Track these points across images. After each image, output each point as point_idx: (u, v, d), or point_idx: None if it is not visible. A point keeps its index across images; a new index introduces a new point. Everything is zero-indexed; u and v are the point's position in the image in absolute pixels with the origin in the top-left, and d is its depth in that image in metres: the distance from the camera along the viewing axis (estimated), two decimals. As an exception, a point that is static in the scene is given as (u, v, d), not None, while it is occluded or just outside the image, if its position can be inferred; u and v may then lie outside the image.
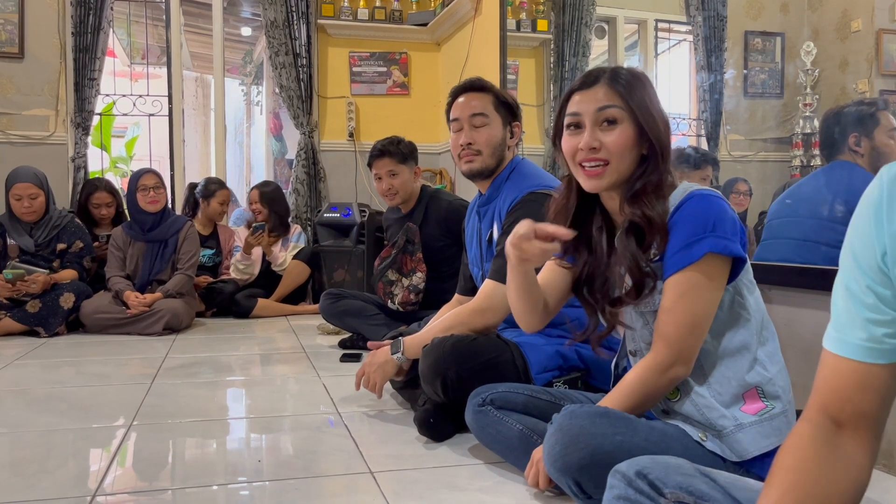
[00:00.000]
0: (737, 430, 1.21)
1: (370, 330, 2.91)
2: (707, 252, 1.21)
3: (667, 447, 1.19)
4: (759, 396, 1.24)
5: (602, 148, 1.30)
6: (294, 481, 1.52)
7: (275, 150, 7.47)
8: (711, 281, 1.23)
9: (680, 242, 1.24)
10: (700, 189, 1.28)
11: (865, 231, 0.74)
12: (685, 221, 1.25)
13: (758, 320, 1.29)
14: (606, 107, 1.30)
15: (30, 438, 1.84)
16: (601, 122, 1.31)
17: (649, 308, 1.31)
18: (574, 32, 3.97)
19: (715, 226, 1.23)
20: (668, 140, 1.32)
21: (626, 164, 1.30)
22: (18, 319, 3.37)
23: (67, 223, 3.67)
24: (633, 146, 1.30)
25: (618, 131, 1.30)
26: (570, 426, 1.21)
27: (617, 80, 1.32)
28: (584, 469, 1.17)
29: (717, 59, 3.16)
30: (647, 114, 1.30)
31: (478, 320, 1.83)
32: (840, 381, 0.76)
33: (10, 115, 4.47)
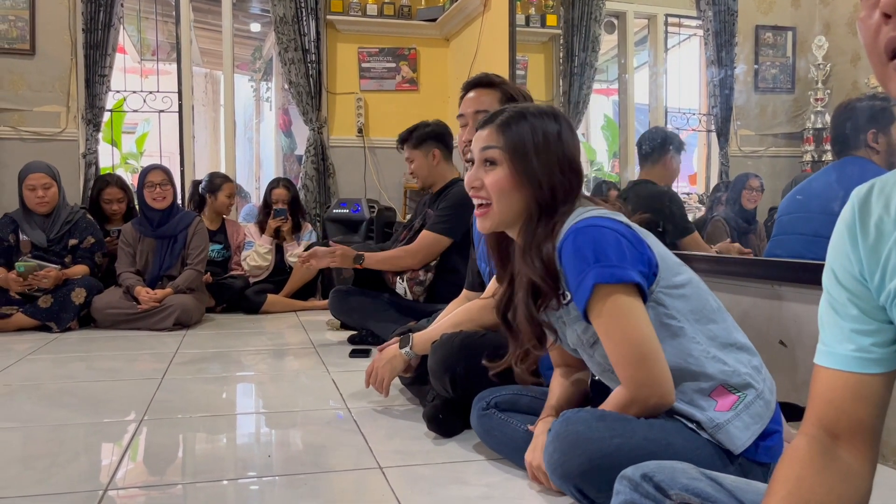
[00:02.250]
0: (717, 431, 1.20)
1: (379, 326, 2.91)
2: (594, 284, 1.19)
3: (667, 443, 1.19)
4: (727, 391, 1.22)
5: (483, 188, 1.32)
6: (304, 476, 1.52)
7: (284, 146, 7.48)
8: (620, 308, 1.19)
9: (572, 283, 1.23)
10: (578, 221, 1.24)
11: (842, 250, 0.78)
12: (569, 261, 1.23)
13: (692, 321, 1.25)
14: (485, 147, 1.33)
15: (42, 433, 1.85)
16: (483, 162, 1.33)
17: (583, 346, 1.31)
18: (583, 27, 3.95)
19: (596, 256, 1.20)
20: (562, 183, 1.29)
21: (508, 205, 1.30)
22: (30, 315, 3.40)
23: (79, 219, 3.69)
24: (511, 189, 1.30)
25: (495, 173, 1.31)
26: (567, 433, 1.21)
27: (503, 123, 1.32)
28: (584, 475, 1.17)
29: (728, 54, 3.14)
30: (524, 157, 1.29)
31: (487, 316, 1.83)
32: (834, 394, 0.77)
33: (22, 112, 4.49)
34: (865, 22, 0.68)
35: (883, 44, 0.66)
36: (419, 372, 1.93)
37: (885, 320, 0.75)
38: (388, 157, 5.11)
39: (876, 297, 0.75)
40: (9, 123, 4.47)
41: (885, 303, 0.74)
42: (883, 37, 0.66)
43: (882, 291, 0.74)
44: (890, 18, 0.65)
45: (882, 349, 0.75)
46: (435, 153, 2.90)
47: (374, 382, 1.94)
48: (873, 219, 0.75)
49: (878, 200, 0.75)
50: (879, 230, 0.74)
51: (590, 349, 1.30)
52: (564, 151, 1.31)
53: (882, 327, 0.75)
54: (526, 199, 1.30)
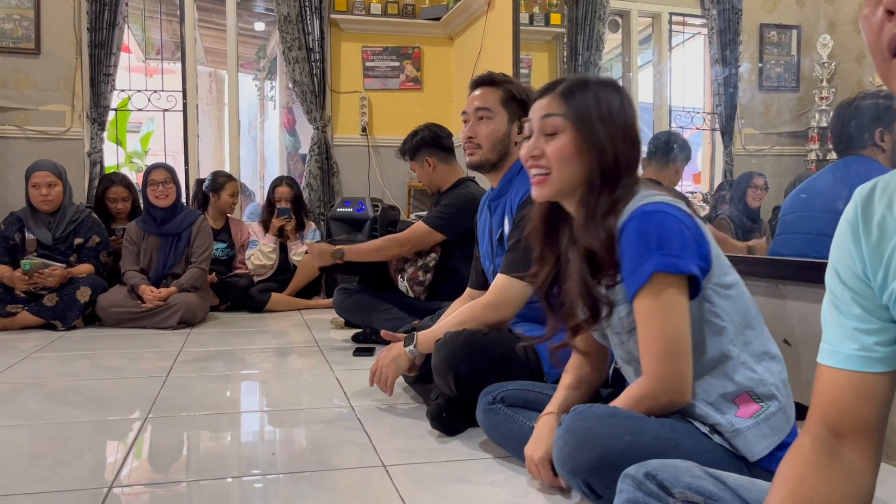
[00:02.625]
0: (734, 436, 1.19)
1: (383, 325, 2.91)
2: (653, 271, 1.18)
3: (677, 444, 1.19)
4: (751, 399, 1.22)
5: (543, 156, 1.30)
6: (307, 474, 1.53)
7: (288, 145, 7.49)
8: (668, 300, 1.18)
9: (629, 266, 1.22)
10: (645, 204, 1.23)
11: (845, 249, 0.78)
12: (630, 243, 1.21)
13: (736, 324, 1.24)
14: (547, 115, 1.31)
15: (47, 430, 1.86)
16: (545, 131, 1.31)
17: (620, 330, 1.29)
18: (587, 26, 3.95)
19: (660, 243, 1.18)
20: (624, 154, 1.28)
21: (570, 174, 1.29)
22: (36, 313, 3.41)
23: (84, 218, 3.70)
24: (575, 157, 1.28)
25: (557, 140, 1.29)
26: (578, 427, 1.20)
27: (565, 90, 1.31)
28: (594, 470, 1.17)
29: (732, 53, 3.14)
30: (589, 125, 1.27)
31: (490, 315, 1.84)
32: (837, 393, 0.77)
33: (27, 111, 4.51)
34: (869, 19, 0.68)
35: (886, 41, 0.66)
36: (423, 370, 1.93)
37: (888, 319, 0.75)
38: (391, 156, 5.10)
39: (879, 296, 0.75)
40: (14, 122, 4.49)
41: (888, 302, 0.74)
42: (886, 34, 0.66)
43: (885, 290, 0.74)
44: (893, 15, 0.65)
45: (885, 348, 0.75)
46: (429, 161, 2.87)
47: (378, 381, 1.94)
48: (876, 218, 0.75)
49: (882, 199, 0.75)
50: (882, 229, 0.74)
51: (626, 335, 1.28)
52: (626, 121, 1.30)
53: (885, 326, 0.75)
54: (588, 167, 1.28)
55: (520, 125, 1.99)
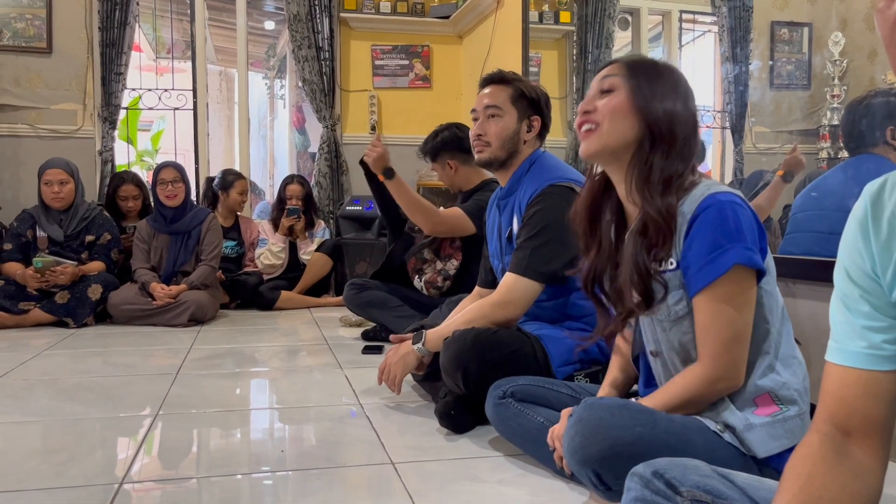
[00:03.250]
0: (746, 430, 1.19)
1: (394, 321, 2.92)
2: (734, 263, 1.17)
3: (687, 439, 1.18)
4: (772, 401, 1.21)
5: (595, 111, 1.30)
6: (316, 471, 1.53)
7: (298, 144, 7.51)
8: (743, 292, 1.19)
9: (704, 253, 1.19)
10: (720, 193, 1.22)
11: (854, 246, 0.77)
12: (706, 230, 1.19)
13: (776, 329, 1.24)
14: (606, 76, 1.31)
15: (59, 427, 1.88)
16: (602, 89, 1.31)
17: (666, 318, 1.27)
18: (597, 24, 3.94)
19: (739, 235, 1.18)
20: (681, 131, 1.27)
21: (619, 129, 1.27)
22: (48, 310, 3.44)
23: (96, 216, 3.73)
24: (627, 113, 1.27)
25: (611, 98, 1.29)
26: (589, 418, 1.20)
27: (628, 59, 1.33)
28: (604, 461, 1.17)
29: (743, 51, 3.12)
30: (645, 86, 1.28)
31: (499, 313, 1.84)
32: (845, 391, 0.76)
33: (39, 110, 4.54)
34: (883, 13, 0.67)
35: None
36: (431, 369, 1.93)
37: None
38: (400, 155, 5.10)
39: (888, 294, 0.74)
40: (27, 121, 4.52)
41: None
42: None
43: (894, 288, 0.73)
44: None
45: (894, 346, 0.75)
46: (450, 164, 2.83)
47: (387, 380, 1.95)
48: (886, 214, 0.74)
49: (891, 196, 0.74)
50: (892, 226, 0.74)
51: (669, 323, 1.27)
52: (685, 95, 1.30)
53: (894, 324, 0.75)
54: (640, 127, 1.27)
55: (529, 123, 1.99)
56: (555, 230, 1.81)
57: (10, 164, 4.49)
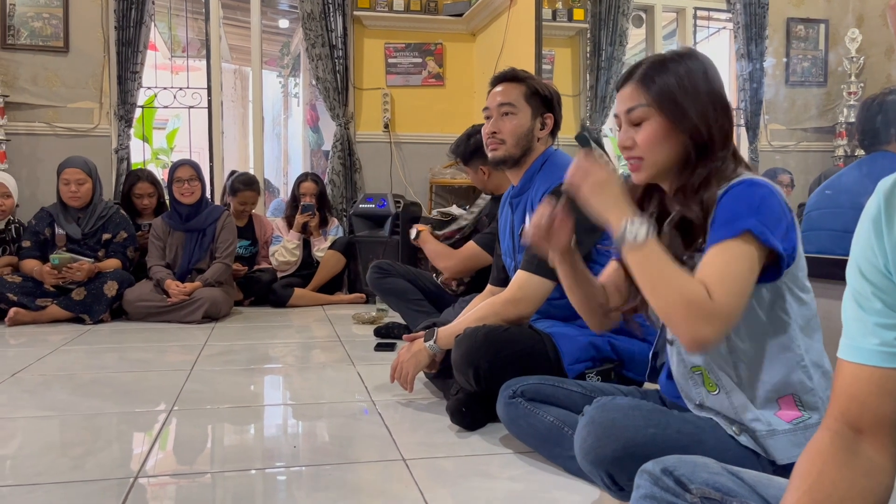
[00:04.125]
0: (769, 436, 1.18)
1: (410, 315, 2.90)
2: (747, 229, 1.13)
3: (700, 440, 1.18)
4: (795, 404, 1.20)
5: (634, 146, 1.28)
6: (329, 467, 1.54)
7: (311, 142, 7.54)
8: (749, 259, 1.14)
9: (721, 219, 1.18)
10: (757, 178, 1.21)
11: (867, 243, 0.76)
12: (730, 203, 1.18)
13: (800, 326, 1.22)
14: (631, 109, 1.28)
15: (75, 421, 1.90)
16: (632, 122, 1.29)
17: None
18: (611, 21, 3.92)
19: (759, 210, 1.16)
20: (716, 122, 1.25)
21: (663, 156, 1.26)
22: (65, 307, 3.47)
23: (113, 214, 3.76)
24: (664, 139, 1.25)
25: (644, 129, 1.27)
26: (602, 419, 1.20)
27: (643, 77, 1.28)
28: (617, 461, 1.17)
29: (758, 48, 3.10)
30: (674, 106, 1.24)
31: (510, 311, 1.84)
32: (857, 388, 0.76)
33: (56, 108, 4.59)
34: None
35: None
36: (443, 366, 1.94)
37: None
38: (414, 153, 5.13)
39: None
40: (44, 119, 4.57)
41: None
42: None
43: None
44: None
45: None
46: (483, 169, 2.74)
47: (399, 377, 1.96)
48: None
49: None
50: None
51: None
52: (712, 90, 1.27)
53: None
54: (682, 144, 1.26)
55: (542, 121, 1.99)
56: (567, 228, 1.81)
57: (28, 162, 4.54)
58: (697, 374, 1.26)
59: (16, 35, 4.50)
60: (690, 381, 1.27)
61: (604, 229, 1.28)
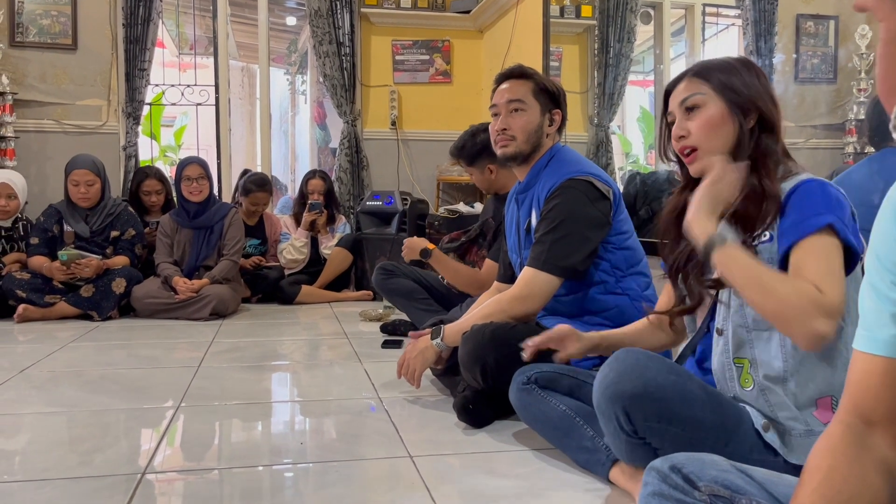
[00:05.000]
0: (806, 436, 1.16)
1: (416, 314, 2.91)
2: (829, 223, 1.14)
3: (719, 402, 1.19)
4: (832, 406, 1.19)
5: (689, 135, 1.30)
6: (336, 464, 1.55)
7: (319, 139, 7.56)
8: (837, 251, 1.14)
9: (798, 217, 1.17)
10: (820, 179, 1.22)
11: (888, 232, 0.74)
12: (805, 199, 1.19)
13: (851, 329, 1.21)
14: (687, 97, 1.31)
15: (84, 417, 1.91)
16: (687, 112, 1.32)
17: None
18: (619, 18, 3.91)
19: (837, 208, 1.17)
20: (774, 113, 1.29)
21: (718, 143, 1.28)
22: (73, 303, 3.49)
23: (121, 211, 3.77)
24: (720, 123, 1.28)
25: (700, 114, 1.30)
26: (626, 358, 1.22)
27: (698, 71, 1.32)
28: (635, 398, 1.18)
29: (767, 44, 3.09)
30: (733, 89, 1.28)
31: (517, 307, 1.83)
32: (871, 380, 0.74)
33: (65, 106, 4.61)
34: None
35: None
36: (450, 363, 1.94)
37: None
38: (421, 150, 5.12)
39: None
40: (52, 117, 4.59)
41: None
42: None
43: None
44: None
45: None
46: (490, 168, 2.70)
47: (406, 374, 1.96)
48: None
49: None
50: None
51: None
52: (764, 83, 1.31)
53: None
54: (738, 129, 1.28)
55: (550, 117, 1.98)
56: (574, 224, 1.81)
57: (37, 159, 4.56)
58: (739, 366, 1.25)
59: (24, 33, 4.52)
60: (728, 374, 1.26)
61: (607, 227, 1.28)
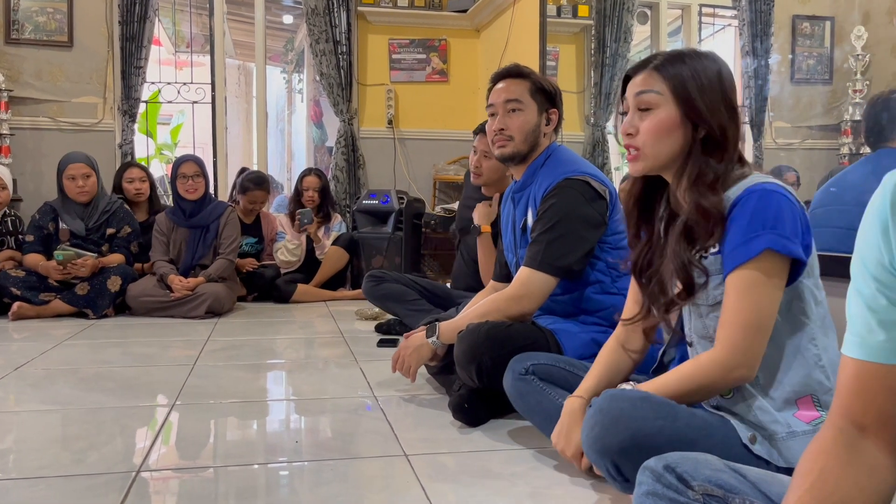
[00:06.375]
0: (789, 437, 1.17)
1: (410, 315, 2.91)
2: (765, 248, 1.15)
3: (708, 435, 1.17)
4: (813, 405, 1.19)
5: (637, 134, 1.28)
6: (331, 462, 1.55)
7: (315, 138, 7.55)
8: (771, 279, 1.17)
9: (738, 238, 1.19)
10: (765, 183, 1.21)
11: (872, 239, 0.74)
12: (743, 216, 1.19)
13: (817, 326, 1.22)
14: (642, 92, 1.28)
15: (79, 415, 1.90)
16: (640, 107, 1.28)
17: (704, 302, 1.26)
18: (616, 18, 3.92)
19: (775, 223, 1.16)
20: (727, 127, 1.25)
21: (665, 149, 1.26)
22: (68, 301, 3.48)
23: (117, 209, 3.77)
24: (670, 130, 1.25)
25: (652, 116, 1.26)
26: (610, 409, 1.19)
27: (660, 66, 1.27)
28: (623, 452, 1.16)
29: (763, 45, 3.09)
30: (690, 99, 1.24)
31: (513, 307, 1.83)
32: (862, 385, 0.75)
33: (60, 103, 4.59)
34: None
35: None
36: (445, 362, 1.94)
37: None
38: (417, 149, 5.12)
39: None
40: (48, 114, 4.57)
41: None
42: None
43: None
44: None
45: None
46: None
47: (401, 369, 1.96)
48: None
49: None
50: None
51: (708, 308, 1.26)
52: (725, 91, 1.27)
53: None
54: (685, 139, 1.26)
55: (548, 116, 1.98)
56: (570, 224, 1.81)
57: (32, 157, 4.55)
58: None
59: (20, 30, 4.51)
60: None
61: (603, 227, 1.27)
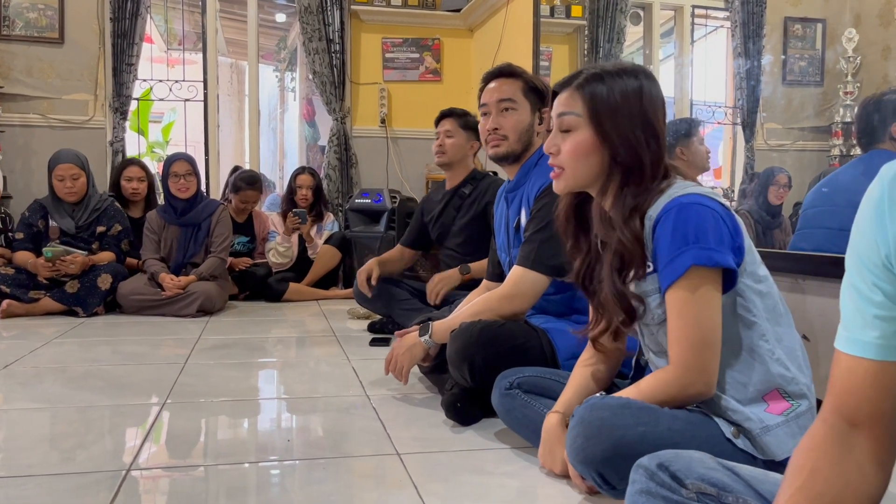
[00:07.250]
0: (764, 433, 1.18)
1: (401, 315, 2.92)
2: (690, 265, 1.17)
3: (691, 435, 1.18)
4: (781, 396, 1.20)
5: (559, 153, 1.30)
6: (323, 461, 1.54)
7: (308, 136, 7.52)
8: (704, 293, 1.18)
9: (665, 258, 1.21)
10: (684, 195, 1.22)
11: (868, 232, 0.73)
12: (666, 235, 1.20)
13: (765, 319, 1.23)
14: (563, 113, 1.29)
15: (68, 414, 1.89)
16: (561, 128, 1.30)
17: (652, 322, 1.28)
18: (609, 18, 3.92)
19: (697, 236, 1.18)
20: (642, 151, 1.25)
21: (584, 171, 1.28)
22: (58, 299, 3.46)
23: (108, 206, 3.75)
24: (588, 153, 1.27)
25: (571, 138, 1.28)
26: (591, 418, 1.20)
27: (583, 84, 1.28)
28: (607, 461, 1.16)
29: (755, 46, 3.10)
30: (600, 121, 1.25)
31: (506, 306, 1.83)
32: (854, 381, 0.74)
33: (51, 100, 4.56)
34: None
35: None
36: (438, 360, 1.94)
37: None
38: (410, 148, 5.12)
39: None
40: (38, 111, 4.54)
41: None
42: None
43: None
44: None
45: None
46: (474, 145, 2.91)
47: (394, 370, 1.95)
48: None
49: None
50: None
51: (656, 326, 1.28)
52: (645, 112, 1.26)
53: None
54: (603, 162, 1.27)
55: (540, 115, 1.99)
56: (563, 224, 1.81)
57: (22, 154, 4.52)
58: None
59: (11, 26, 4.48)
60: None
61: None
